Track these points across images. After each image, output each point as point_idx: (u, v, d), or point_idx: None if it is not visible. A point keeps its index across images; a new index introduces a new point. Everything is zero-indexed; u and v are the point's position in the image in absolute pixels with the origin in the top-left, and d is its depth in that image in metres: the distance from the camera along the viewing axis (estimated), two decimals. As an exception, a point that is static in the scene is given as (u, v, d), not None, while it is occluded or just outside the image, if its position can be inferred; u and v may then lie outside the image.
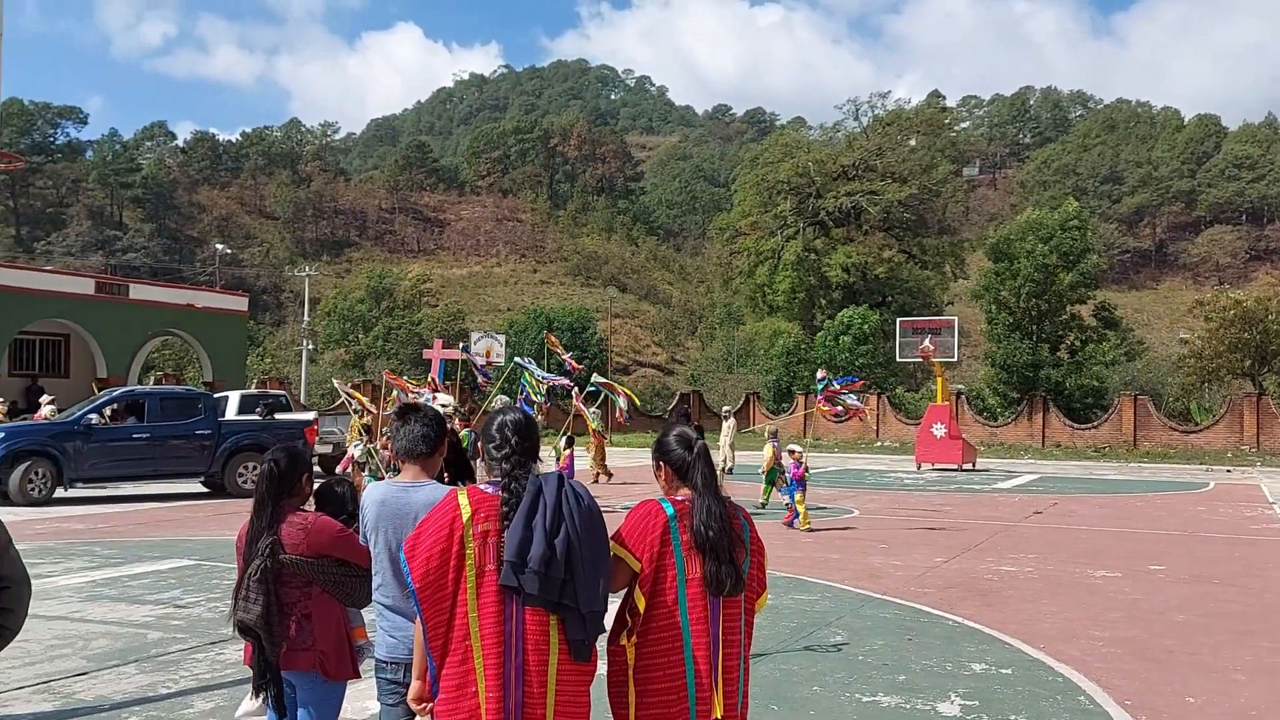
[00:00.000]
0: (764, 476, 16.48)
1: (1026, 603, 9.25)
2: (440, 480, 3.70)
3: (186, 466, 18.42)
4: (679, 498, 3.29)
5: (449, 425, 3.82)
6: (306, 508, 3.86)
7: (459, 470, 3.85)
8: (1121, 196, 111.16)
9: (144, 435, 17.81)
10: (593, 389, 18.41)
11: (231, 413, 22.78)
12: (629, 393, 17.77)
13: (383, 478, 11.67)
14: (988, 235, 53.63)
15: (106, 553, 11.68)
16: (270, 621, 3.61)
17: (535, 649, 2.91)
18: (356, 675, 3.83)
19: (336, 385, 19.32)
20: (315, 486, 4.07)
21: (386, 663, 3.51)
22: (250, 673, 3.85)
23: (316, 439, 20.61)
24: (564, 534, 2.90)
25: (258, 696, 3.80)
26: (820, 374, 15.47)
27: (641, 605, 3.16)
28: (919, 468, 28.91)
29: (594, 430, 20.76)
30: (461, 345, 20.24)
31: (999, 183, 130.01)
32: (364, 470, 13.58)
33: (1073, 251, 45.38)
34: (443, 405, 15.38)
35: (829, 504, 18.47)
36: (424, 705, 3.06)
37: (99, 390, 26.04)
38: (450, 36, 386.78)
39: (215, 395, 25.18)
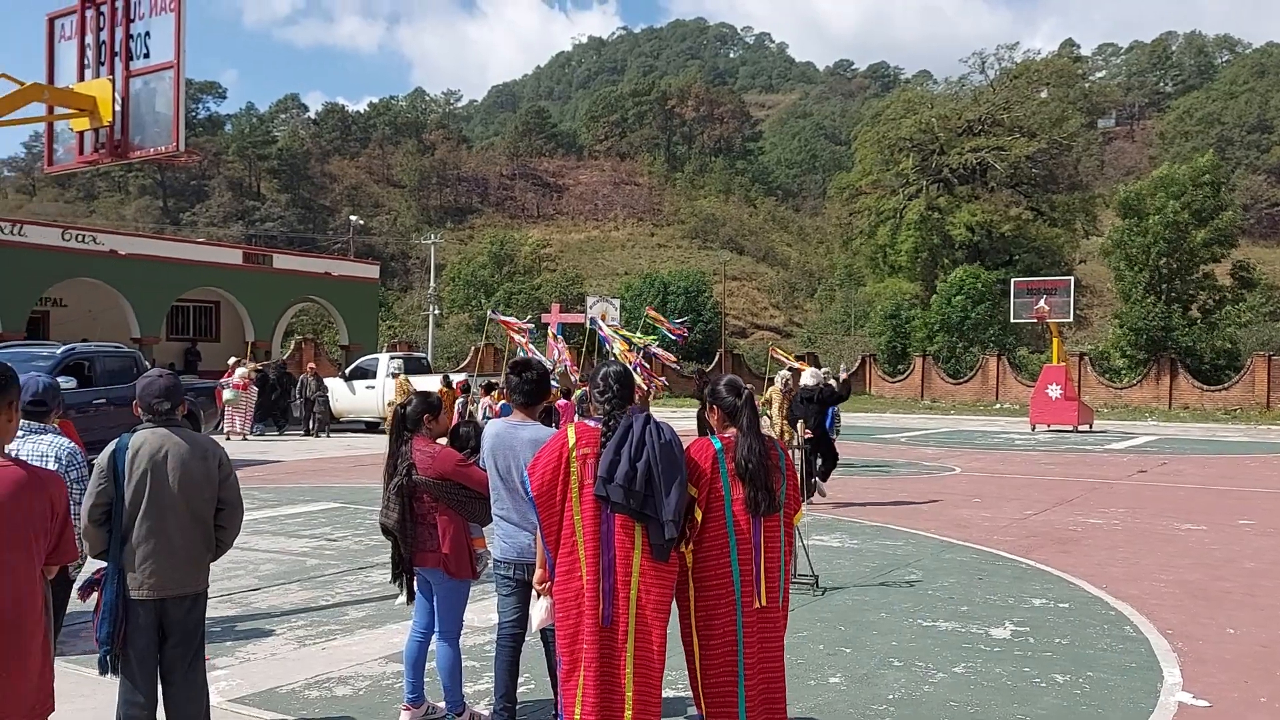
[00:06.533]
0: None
1: (1102, 550, 9.73)
2: (544, 422, 4.66)
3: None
4: (726, 435, 4.12)
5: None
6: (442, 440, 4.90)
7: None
8: (1270, 146, 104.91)
9: (101, 401, 15.05)
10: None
11: (382, 373, 24.68)
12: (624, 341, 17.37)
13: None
14: (1119, 190, 51.93)
15: (264, 496, 13.16)
16: (404, 526, 4.70)
17: (621, 547, 3.86)
18: (474, 575, 4.83)
19: (490, 315, 19.71)
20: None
21: (501, 562, 4.54)
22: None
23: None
24: (645, 458, 3.81)
25: (394, 583, 4.85)
26: None
27: (699, 517, 4.04)
28: (1033, 429, 28.83)
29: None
30: (591, 320, 20.90)
31: (1137, 134, 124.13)
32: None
33: (1205, 208, 43.76)
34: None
35: (932, 462, 18.93)
36: (544, 585, 4.07)
37: (252, 353, 28.18)
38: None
39: (368, 358, 26.84)
